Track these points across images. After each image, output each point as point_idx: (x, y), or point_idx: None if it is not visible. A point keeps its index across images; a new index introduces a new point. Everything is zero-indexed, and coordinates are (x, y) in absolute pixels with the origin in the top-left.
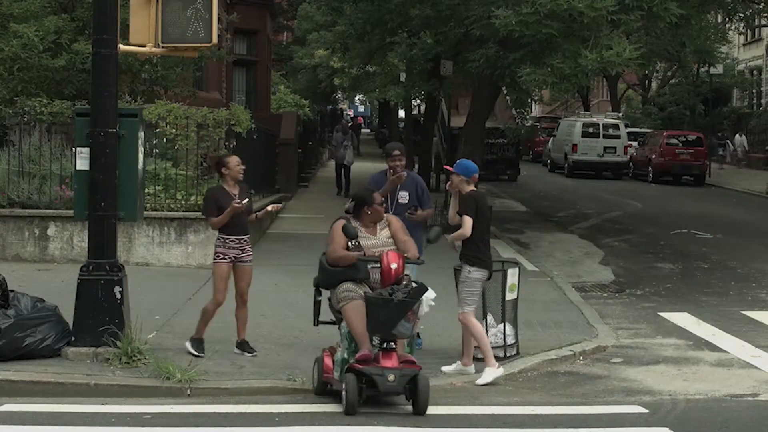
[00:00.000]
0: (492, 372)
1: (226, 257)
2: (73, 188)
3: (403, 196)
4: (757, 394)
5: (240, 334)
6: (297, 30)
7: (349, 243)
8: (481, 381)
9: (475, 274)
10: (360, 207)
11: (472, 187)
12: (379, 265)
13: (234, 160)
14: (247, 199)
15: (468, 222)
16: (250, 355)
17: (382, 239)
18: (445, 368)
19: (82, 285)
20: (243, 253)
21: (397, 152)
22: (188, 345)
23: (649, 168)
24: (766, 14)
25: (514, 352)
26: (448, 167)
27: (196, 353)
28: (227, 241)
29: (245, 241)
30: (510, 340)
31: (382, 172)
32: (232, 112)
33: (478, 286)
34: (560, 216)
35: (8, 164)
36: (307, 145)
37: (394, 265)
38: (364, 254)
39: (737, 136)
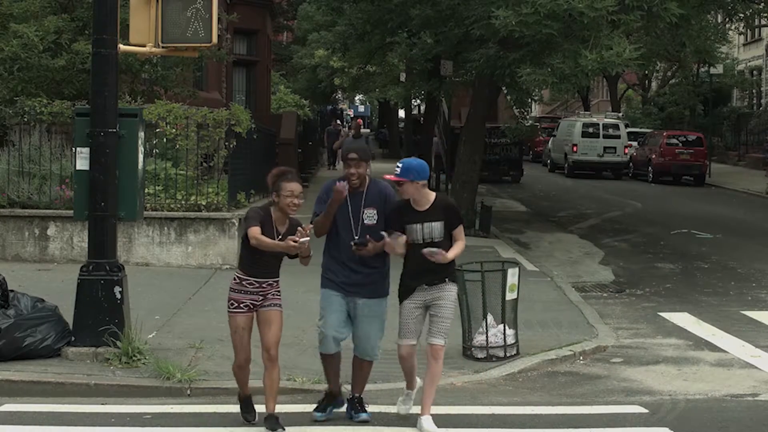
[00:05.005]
0: (429, 425)
1: (241, 305)
2: (73, 188)
3: (370, 215)
4: (757, 394)
5: (267, 406)
6: (297, 30)
7: None
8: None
9: (456, 291)
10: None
11: (431, 192)
12: None
13: (289, 187)
14: (305, 239)
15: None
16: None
17: None
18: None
19: (82, 285)
20: (264, 300)
21: (353, 155)
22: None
23: (649, 168)
24: (766, 14)
25: (514, 352)
26: (387, 176)
27: (246, 418)
28: (243, 282)
29: (270, 285)
30: (510, 340)
31: (334, 181)
32: (232, 112)
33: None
34: (560, 216)
35: (8, 164)
36: (307, 145)
37: None
38: None
39: None
